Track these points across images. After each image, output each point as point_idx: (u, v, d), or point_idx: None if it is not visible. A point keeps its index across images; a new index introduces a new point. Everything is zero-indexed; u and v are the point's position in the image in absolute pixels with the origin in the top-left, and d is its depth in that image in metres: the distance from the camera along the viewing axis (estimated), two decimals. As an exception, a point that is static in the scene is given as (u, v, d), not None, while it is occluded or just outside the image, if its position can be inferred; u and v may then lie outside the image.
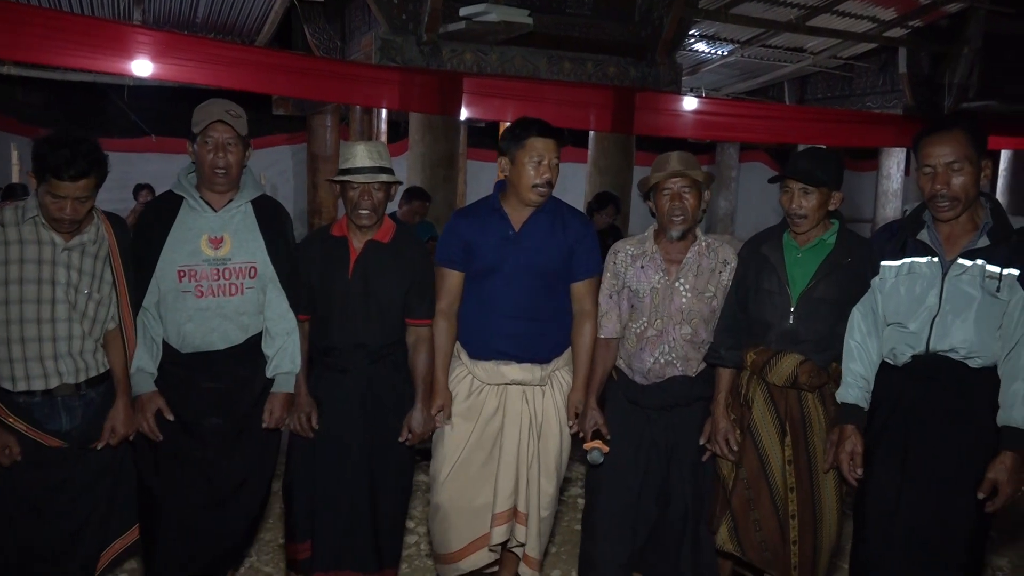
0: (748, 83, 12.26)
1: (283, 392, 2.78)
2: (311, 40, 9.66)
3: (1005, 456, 2.25)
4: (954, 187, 2.30)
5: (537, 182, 2.75)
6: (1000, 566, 3.75)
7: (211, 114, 2.62)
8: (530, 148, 2.75)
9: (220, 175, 2.64)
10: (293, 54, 8.65)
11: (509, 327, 2.79)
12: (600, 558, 2.84)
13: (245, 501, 2.82)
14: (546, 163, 2.75)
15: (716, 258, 2.80)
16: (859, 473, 2.45)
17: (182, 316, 2.65)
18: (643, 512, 2.83)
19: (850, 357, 2.50)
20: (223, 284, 2.67)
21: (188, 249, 2.65)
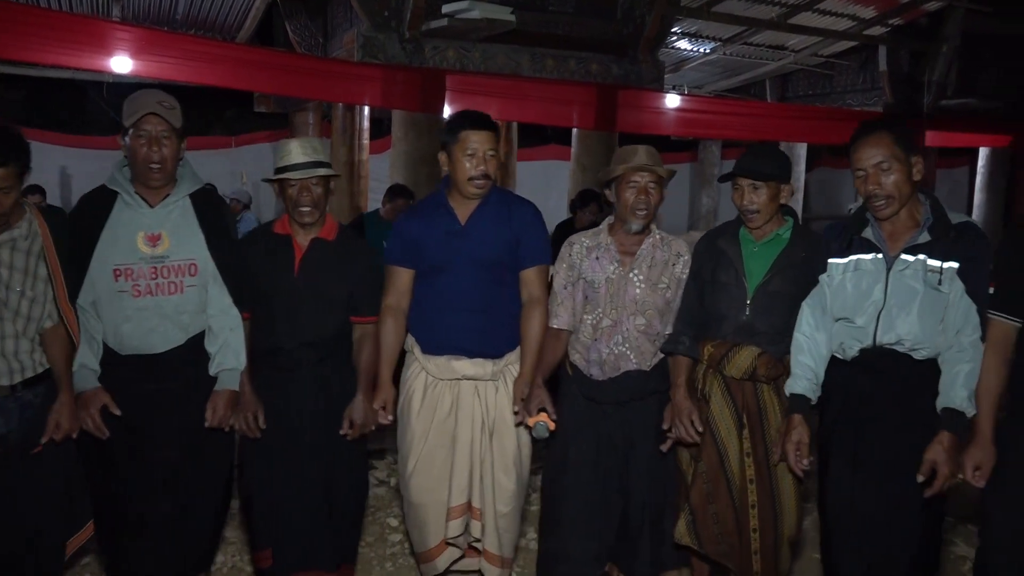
0: (730, 81, 12.31)
1: (227, 389, 2.69)
2: (293, 37, 9.61)
3: (943, 436, 2.30)
4: (886, 186, 2.40)
5: (473, 175, 2.75)
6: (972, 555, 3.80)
7: (143, 106, 2.54)
8: (464, 141, 2.74)
9: (155, 170, 2.56)
10: (275, 51, 8.60)
11: (460, 321, 2.79)
12: (569, 555, 2.85)
13: (204, 504, 2.75)
14: (481, 155, 2.74)
15: (670, 251, 2.84)
16: (805, 464, 2.51)
17: (119, 316, 2.57)
18: (606, 506, 2.84)
19: (799, 350, 2.56)
20: (161, 283, 2.59)
21: (123, 247, 2.57)
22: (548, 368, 2.85)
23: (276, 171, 2.76)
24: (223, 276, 2.67)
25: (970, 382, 2.31)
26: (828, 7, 9.58)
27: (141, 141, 2.54)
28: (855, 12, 9.83)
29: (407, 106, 7.01)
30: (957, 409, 2.31)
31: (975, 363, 2.32)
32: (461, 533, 2.87)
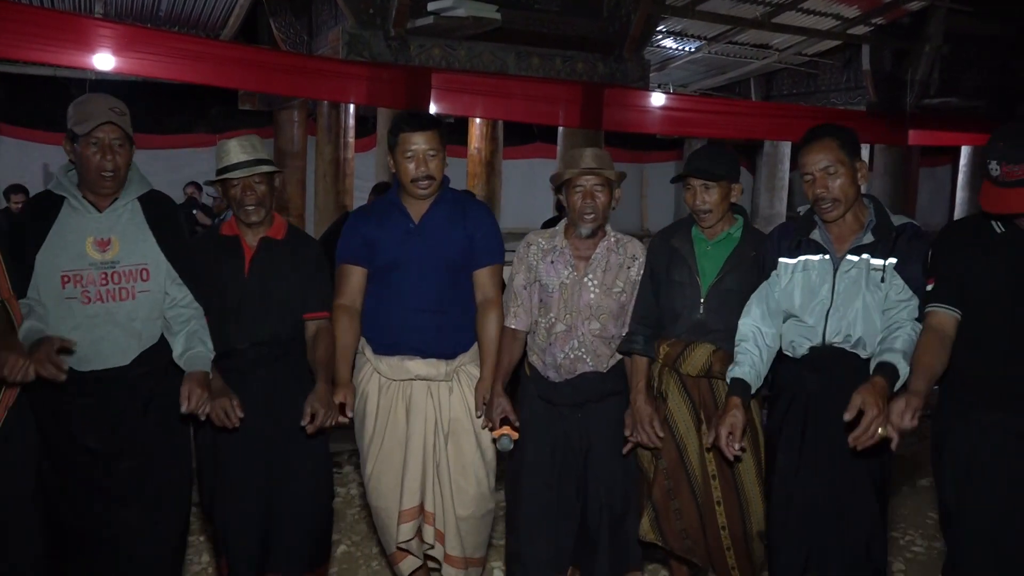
0: (715, 79, 12.37)
1: (200, 371, 2.54)
2: (277, 34, 9.56)
3: (874, 379, 2.27)
4: (832, 189, 2.46)
5: (415, 176, 2.72)
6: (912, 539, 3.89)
7: (96, 114, 2.46)
8: (403, 143, 2.72)
9: (107, 178, 2.48)
10: (259, 48, 8.57)
11: (413, 321, 2.76)
12: (529, 557, 2.85)
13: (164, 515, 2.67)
14: (421, 156, 2.71)
15: (625, 253, 2.84)
16: (736, 448, 2.49)
17: (67, 324, 2.46)
18: (564, 508, 2.83)
19: (743, 337, 2.60)
20: (112, 288, 2.51)
21: (72, 253, 2.47)
22: (507, 370, 2.83)
23: (217, 172, 2.71)
24: (182, 277, 2.62)
25: (905, 346, 2.33)
26: (812, 6, 9.63)
27: (94, 149, 2.46)
28: (839, 11, 9.89)
29: (393, 104, 7.00)
30: (890, 363, 2.31)
31: (912, 333, 2.35)
32: (412, 537, 2.84)
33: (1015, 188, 2.15)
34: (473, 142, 9.36)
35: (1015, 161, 2.13)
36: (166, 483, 2.66)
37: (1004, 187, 2.16)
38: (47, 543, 2.53)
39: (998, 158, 2.16)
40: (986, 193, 2.22)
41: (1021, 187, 2.14)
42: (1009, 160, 2.14)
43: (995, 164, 2.17)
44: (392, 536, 2.86)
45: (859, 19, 9.94)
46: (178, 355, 2.57)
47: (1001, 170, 2.16)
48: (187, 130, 13.31)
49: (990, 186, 2.21)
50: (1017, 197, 2.15)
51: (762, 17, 9.50)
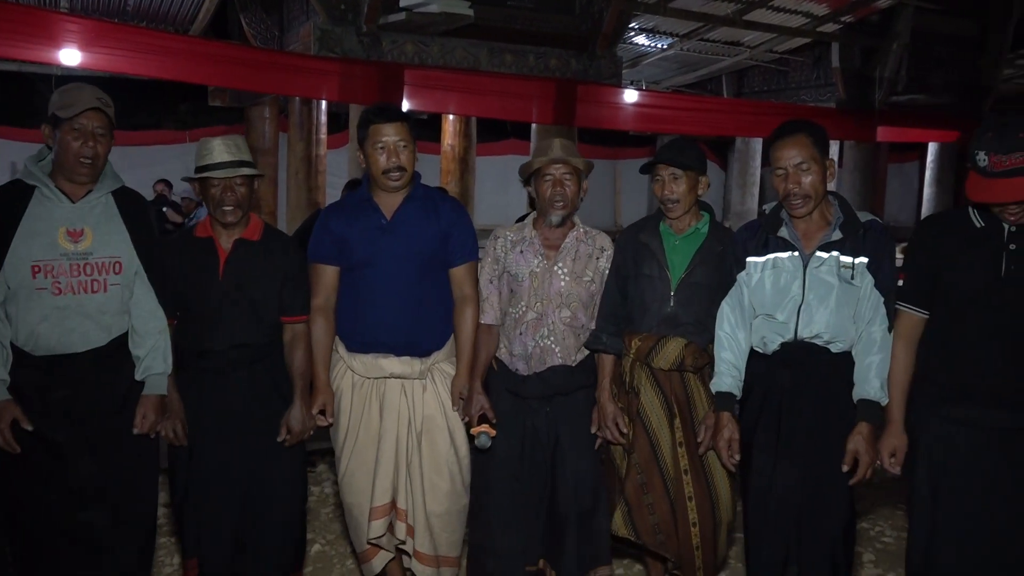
0: (687, 76, 12.43)
1: (156, 394, 2.60)
2: (248, 30, 9.47)
3: (861, 427, 2.45)
4: (804, 186, 2.49)
5: (387, 167, 2.71)
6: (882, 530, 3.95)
7: (82, 100, 2.45)
8: (374, 135, 2.72)
9: (86, 165, 2.46)
10: (229, 44, 8.47)
11: (387, 318, 2.75)
12: (495, 549, 2.85)
13: (133, 512, 2.64)
14: (392, 147, 2.71)
15: (593, 244, 2.87)
16: (736, 459, 2.62)
17: (35, 316, 2.43)
18: (532, 501, 2.85)
19: (721, 347, 2.64)
20: (84, 280, 2.48)
21: (43, 243, 2.44)
22: (483, 366, 2.85)
23: (197, 170, 2.67)
24: (149, 276, 2.60)
25: (882, 372, 2.46)
26: (782, 4, 9.72)
27: (76, 135, 2.44)
28: (808, 9, 9.98)
29: (365, 100, 6.96)
30: (872, 399, 2.45)
31: (885, 354, 2.46)
32: (383, 534, 2.83)
33: (1003, 178, 2.18)
34: (446, 138, 9.33)
35: (1004, 151, 2.16)
36: (132, 482, 2.62)
37: (992, 177, 2.19)
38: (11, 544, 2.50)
39: (986, 148, 2.20)
40: (973, 184, 2.25)
41: (1009, 177, 2.17)
42: (998, 150, 2.17)
43: (983, 155, 2.20)
44: (363, 532, 2.84)
45: (828, 17, 10.04)
46: (139, 368, 2.59)
47: (989, 160, 2.19)
48: (155, 127, 13.14)
49: (977, 177, 2.23)
50: (1004, 187, 2.18)
51: (733, 14, 9.56)
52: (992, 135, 2.20)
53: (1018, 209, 2.22)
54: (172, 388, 2.65)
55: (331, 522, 3.89)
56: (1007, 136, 2.17)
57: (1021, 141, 2.15)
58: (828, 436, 2.52)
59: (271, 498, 2.75)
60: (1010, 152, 2.15)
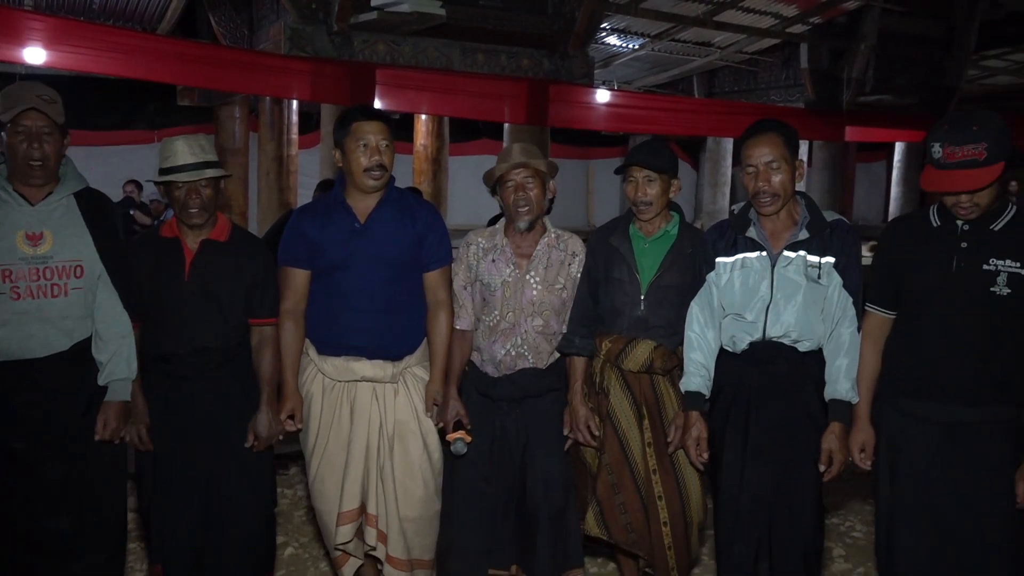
0: (659, 76, 12.50)
1: (119, 400, 2.55)
2: (217, 29, 9.38)
3: (834, 426, 2.49)
4: (774, 184, 2.52)
5: (368, 165, 2.69)
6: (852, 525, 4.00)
7: (21, 100, 2.40)
8: (356, 133, 2.69)
9: (35, 167, 2.42)
10: (198, 43, 8.39)
11: (359, 321, 2.73)
12: (460, 549, 2.84)
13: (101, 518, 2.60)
14: (375, 145, 2.69)
15: (566, 250, 2.86)
16: (705, 458, 2.64)
17: None
18: (501, 502, 2.84)
19: (690, 347, 2.66)
20: (44, 285, 2.44)
21: (1, 247, 2.41)
22: (458, 371, 2.83)
23: (161, 172, 2.63)
24: (113, 279, 2.55)
25: (851, 373, 2.50)
26: (752, 5, 9.81)
27: (20, 137, 2.40)
28: (778, 10, 10.09)
29: (336, 100, 6.93)
30: (843, 399, 2.50)
31: (854, 355, 2.51)
32: (350, 539, 2.81)
33: (956, 169, 2.22)
34: (419, 138, 9.31)
35: (957, 143, 2.21)
36: (99, 488, 2.59)
37: (945, 168, 2.24)
38: None
39: (941, 140, 2.24)
40: (927, 176, 2.29)
41: (961, 168, 2.21)
42: (952, 142, 2.22)
43: (937, 146, 2.24)
44: (332, 537, 2.83)
45: (797, 18, 10.15)
46: (102, 379, 2.55)
47: (943, 152, 2.23)
48: (123, 127, 12.96)
49: (931, 169, 2.28)
50: (957, 177, 2.22)
51: (704, 15, 9.64)
52: (947, 128, 2.25)
53: (969, 202, 2.26)
54: (137, 393, 2.61)
55: (304, 525, 3.86)
56: (961, 128, 2.22)
57: (975, 134, 2.19)
58: (796, 433, 2.55)
59: (237, 503, 2.71)
60: (963, 144, 2.20)
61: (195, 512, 2.67)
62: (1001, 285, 2.27)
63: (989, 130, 2.20)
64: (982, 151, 2.18)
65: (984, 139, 2.18)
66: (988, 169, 2.19)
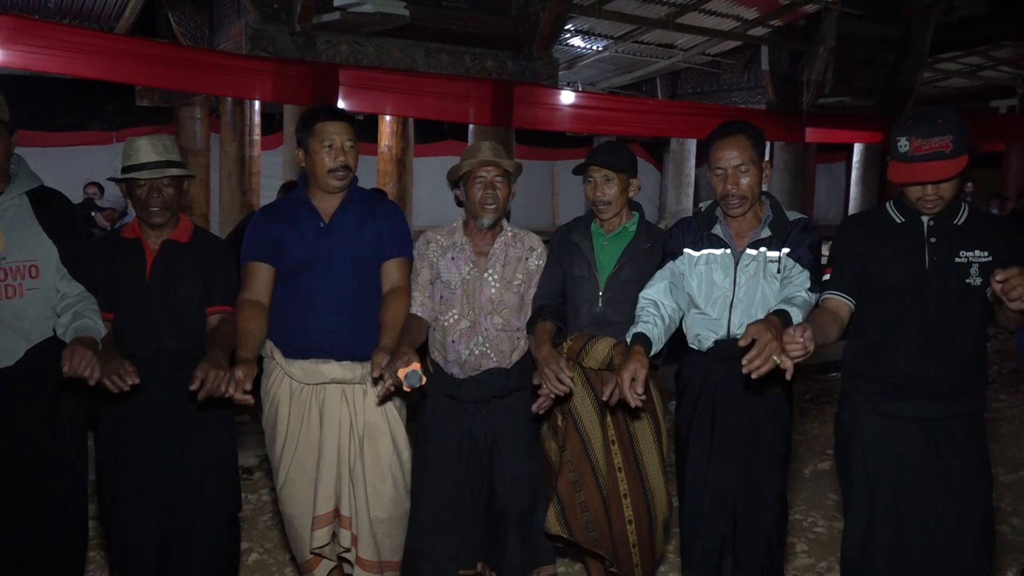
0: (623, 78, 12.59)
1: (88, 336, 2.31)
2: (176, 28, 9.25)
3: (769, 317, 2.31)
4: (742, 187, 2.55)
5: (332, 166, 2.68)
6: (815, 520, 4.06)
7: None
8: (320, 133, 2.69)
9: None
10: (157, 42, 8.25)
11: (327, 322, 2.71)
12: (429, 552, 2.83)
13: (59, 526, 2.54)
14: (339, 146, 2.69)
15: (522, 246, 2.88)
16: (640, 391, 2.43)
17: None
18: (469, 504, 2.84)
19: (641, 306, 2.61)
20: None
21: None
22: (410, 342, 2.65)
23: (123, 170, 2.60)
24: (74, 275, 2.51)
25: (802, 304, 2.39)
26: (714, 7, 9.92)
27: None
28: (739, 13, 10.21)
29: (299, 101, 6.87)
30: (785, 310, 2.35)
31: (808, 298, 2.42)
32: (327, 543, 2.80)
33: (924, 161, 2.26)
34: (383, 140, 9.26)
35: (924, 136, 2.25)
36: (58, 496, 2.54)
37: (913, 161, 2.28)
38: None
39: (908, 134, 2.28)
40: (895, 169, 2.33)
41: (929, 160, 2.26)
42: (919, 135, 2.26)
43: (904, 140, 2.28)
44: (305, 543, 2.80)
45: (758, 21, 10.28)
46: (62, 330, 2.36)
47: (911, 145, 2.27)
48: (81, 127, 12.71)
49: (898, 163, 2.31)
50: (925, 169, 2.27)
51: (666, 17, 9.72)
52: (913, 122, 2.30)
53: (935, 195, 2.31)
54: (109, 343, 2.43)
55: (269, 530, 3.82)
56: (927, 123, 2.27)
57: (940, 127, 2.25)
58: (761, 430, 2.59)
59: (201, 508, 2.68)
60: (930, 137, 2.25)
61: (157, 518, 2.63)
62: (975, 276, 2.32)
63: (953, 124, 2.26)
64: (948, 143, 2.24)
65: (949, 132, 2.24)
66: (954, 161, 2.25)
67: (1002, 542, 3.76)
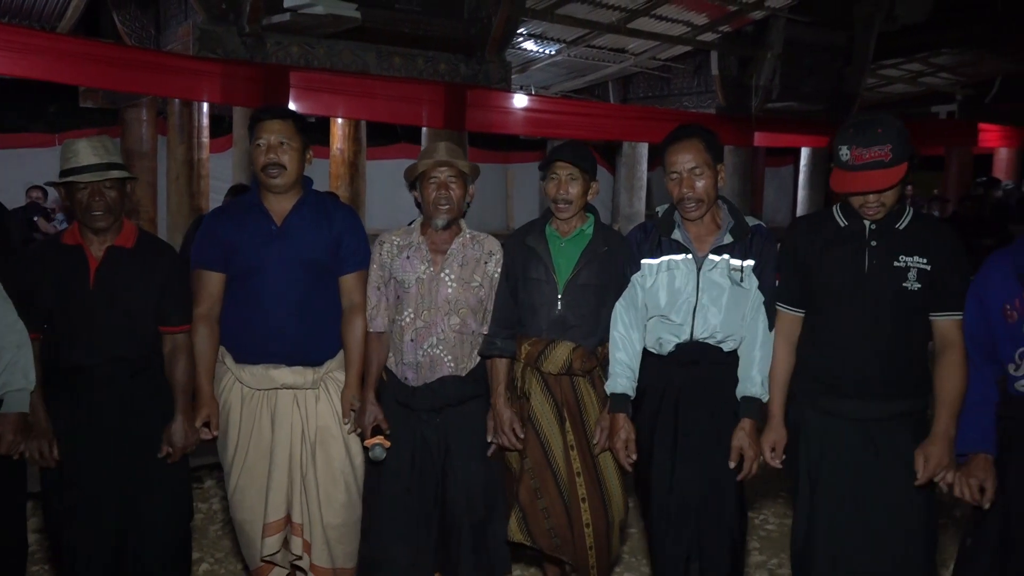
0: (575, 82, 12.65)
1: (15, 413, 2.44)
2: (121, 28, 9.04)
3: (744, 423, 2.57)
4: (698, 190, 2.58)
5: (263, 163, 2.67)
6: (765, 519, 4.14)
7: None
8: (255, 132, 2.69)
9: None
10: (101, 42, 8.05)
11: (278, 327, 2.68)
12: (385, 561, 2.82)
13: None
14: (272, 143, 2.67)
15: (481, 249, 2.87)
16: (633, 459, 2.66)
17: None
18: (423, 512, 2.82)
19: (615, 347, 2.70)
20: None
21: None
22: (375, 375, 2.80)
23: (62, 174, 2.54)
24: (6, 288, 2.44)
25: (763, 369, 2.58)
26: (664, 13, 10.02)
27: None
28: (689, 18, 10.34)
29: (249, 103, 6.77)
30: (754, 396, 2.57)
31: (766, 352, 2.58)
32: (277, 550, 2.77)
33: (863, 171, 2.31)
34: (336, 142, 9.16)
35: (864, 145, 2.29)
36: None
37: (853, 170, 2.32)
38: None
39: (848, 143, 2.32)
40: (836, 177, 2.37)
41: (869, 169, 2.30)
42: (859, 144, 2.30)
43: (845, 149, 2.33)
44: (257, 550, 2.75)
45: (707, 26, 10.42)
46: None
47: (851, 154, 2.31)
48: (22, 129, 12.33)
49: (840, 171, 2.36)
50: (865, 178, 2.31)
51: (618, 22, 9.80)
52: (853, 131, 2.34)
53: (876, 202, 2.36)
54: (39, 406, 2.49)
55: (220, 539, 3.76)
56: (867, 132, 2.31)
57: (880, 136, 2.29)
58: (723, 432, 2.60)
59: (151, 517, 2.62)
60: (870, 146, 2.29)
61: (106, 529, 2.57)
62: (912, 280, 2.37)
63: (892, 133, 2.30)
64: (887, 152, 2.28)
65: (888, 141, 2.29)
66: (894, 170, 2.30)
67: (945, 536, 3.86)
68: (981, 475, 2.28)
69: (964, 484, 2.29)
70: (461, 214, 2.86)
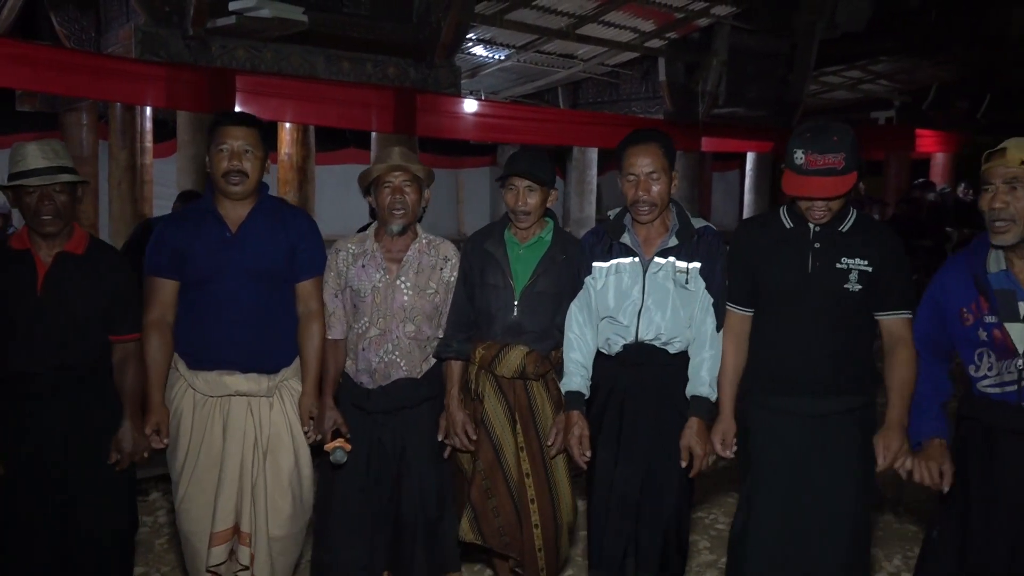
0: (525, 87, 12.69)
1: None
2: (60, 30, 8.81)
3: (692, 422, 2.63)
4: (653, 193, 2.64)
5: (226, 169, 2.64)
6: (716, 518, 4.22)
7: None
8: (217, 138, 2.66)
9: None
10: (37, 44, 7.83)
11: (232, 334, 2.66)
12: (338, 564, 2.81)
13: None
14: (235, 150, 2.64)
15: (437, 255, 2.88)
16: (587, 455, 2.71)
17: None
18: (377, 514, 2.83)
19: (570, 347, 2.74)
20: None
21: None
22: (334, 382, 2.80)
23: (10, 177, 2.48)
24: None
25: (712, 369, 2.63)
26: (612, 19, 10.12)
27: None
28: (636, 25, 10.46)
29: (194, 107, 6.64)
30: (702, 396, 2.62)
31: (715, 351, 2.64)
32: (224, 561, 2.73)
33: (817, 176, 2.35)
34: (284, 147, 9.05)
35: (820, 151, 2.34)
36: None
37: (807, 174, 2.37)
38: None
39: (804, 148, 2.37)
40: (788, 180, 2.42)
41: (822, 175, 2.35)
42: (814, 150, 2.35)
43: (800, 153, 2.37)
44: (202, 560, 2.71)
45: (654, 33, 10.56)
46: None
47: (806, 158, 2.36)
48: (-45, 133, 11.95)
49: (792, 174, 2.41)
50: (818, 184, 2.36)
51: (567, 28, 9.87)
52: (810, 136, 2.40)
53: (824, 207, 2.43)
54: None
55: (166, 553, 3.67)
56: (823, 139, 2.37)
57: (835, 144, 2.35)
58: (667, 432, 2.66)
59: (94, 529, 2.56)
60: (825, 152, 2.35)
61: (47, 540, 2.50)
62: (853, 282, 2.44)
63: (847, 142, 2.36)
64: (840, 160, 2.34)
65: (843, 149, 2.35)
66: (845, 178, 2.36)
67: (889, 529, 3.97)
68: (939, 459, 2.34)
69: (924, 469, 2.35)
70: (417, 219, 2.85)
